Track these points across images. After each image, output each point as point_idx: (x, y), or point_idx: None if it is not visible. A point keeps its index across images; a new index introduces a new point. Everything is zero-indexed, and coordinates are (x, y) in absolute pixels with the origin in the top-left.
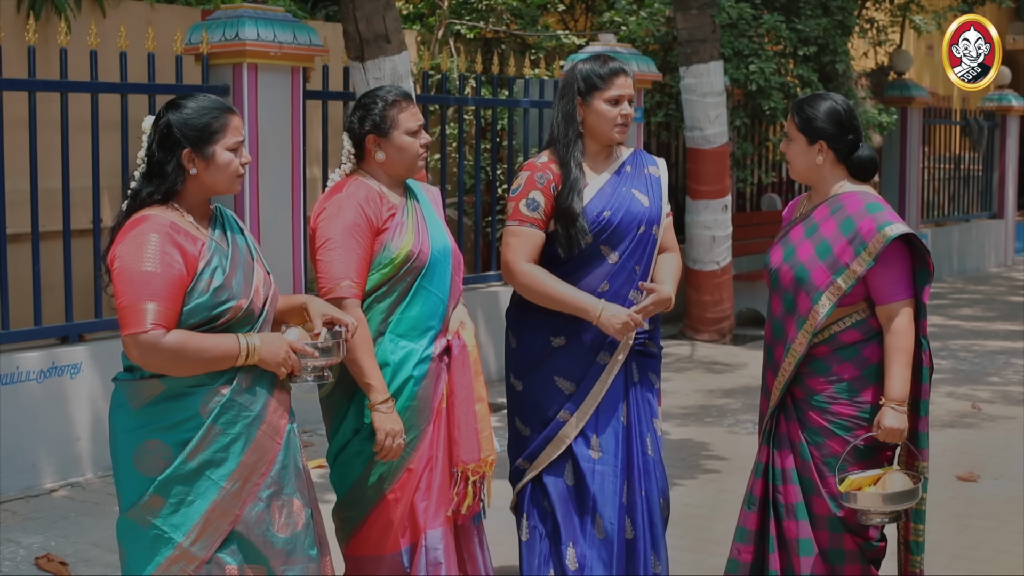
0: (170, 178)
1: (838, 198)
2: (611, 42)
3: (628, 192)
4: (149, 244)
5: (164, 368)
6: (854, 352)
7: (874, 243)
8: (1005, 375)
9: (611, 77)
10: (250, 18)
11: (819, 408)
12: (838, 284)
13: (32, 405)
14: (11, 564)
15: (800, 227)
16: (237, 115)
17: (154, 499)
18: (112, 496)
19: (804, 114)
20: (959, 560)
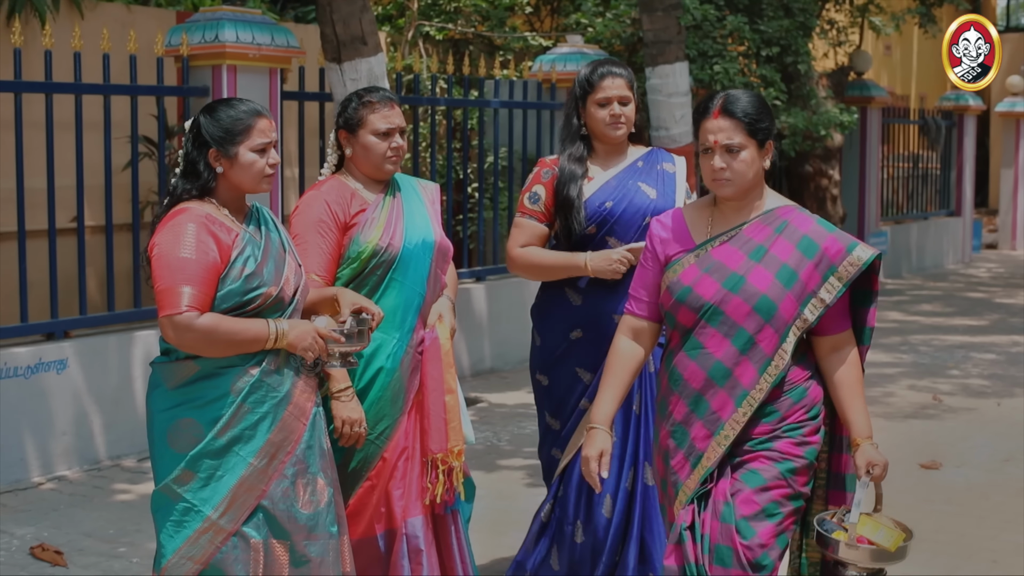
0: (202, 176)
1: (775, 213)
2: (578, 43)
3: (634, 185)
4: (186, 233)
5: (197, 348)
6: (802, 393)
7: (846, 267)
8: (965, 368)
9: (599, 80)
10: (229, 20)
11: (764, 450)
12: (804, 316)
13: (20, 400)
14: (6, 554)
15: (731, 249)
16: (266, 118)
17: (185, 473)
18: (99, 489)
19: (751, 112)
20: (924, 543)
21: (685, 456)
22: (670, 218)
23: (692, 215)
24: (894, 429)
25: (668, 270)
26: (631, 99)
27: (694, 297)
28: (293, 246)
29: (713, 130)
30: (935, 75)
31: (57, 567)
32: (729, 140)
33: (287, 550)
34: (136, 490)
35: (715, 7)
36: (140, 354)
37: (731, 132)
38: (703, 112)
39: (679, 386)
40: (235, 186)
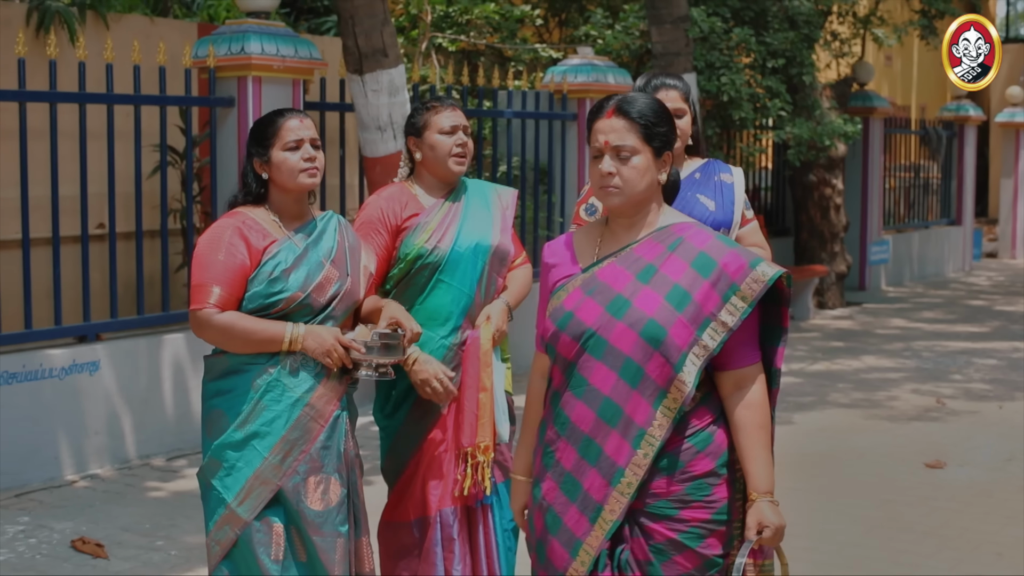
0: (251, 185)
1: (669, 230)
2: (589, 55)
3: (692, 197)
4: (222, 236)
5: (216, 342)
6: (707, 439)
7: (749, 284)
8: (967, 373)
9: (654, 92)
10: (255, 33)
11: (666, 517)
12: (704, 343)
13: (54, 400)
14: (48, 547)
15: (618, 269)
16: (294, 117)
17: (213, 461)
18: (131, 487)
19: (648, 115)
20: (929, 538)
21: (580, 510)
22: (560, 243)
23: (581, 237)
24: (899, 431)
25: (552, 297)
26: (685, 112)
27: (575, 323)
28: (351, 259)
29: (605, 130)
30: (935, 86)
31: (99, 559)
32: (621, 142)
33: (302, 540)
34: (167, 488)
35: (722, 20)
36: (168, 357)
37: (624, 134)
38: (596, 112)
39: (567, 430)
40: (281, 188)
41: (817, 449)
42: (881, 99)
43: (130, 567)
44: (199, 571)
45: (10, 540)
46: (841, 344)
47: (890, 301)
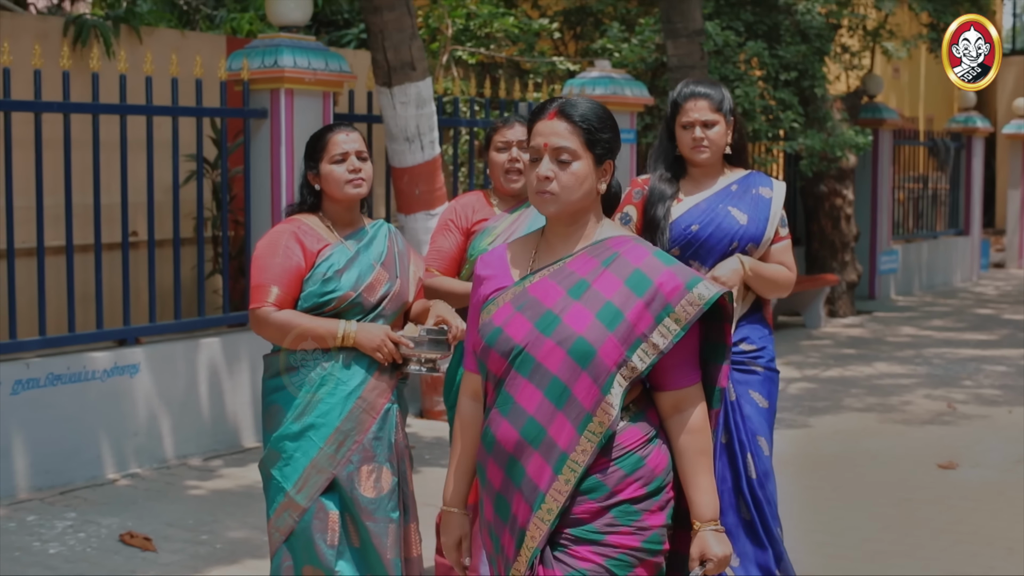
0: (302, 195)
1: (605, 243)
2: (606, 68)
3: (724, 209)
4: (280, 240)
5: (272, 339)
6: (637, 463)
7: (684, 307)
8: (977, 379)
9: (683, 102)
10: (287, 47)
11: (591, 542)
12: (632, 364)
13: (96, 401)
14: (97, 541)
15: (549, 284)
16: (341, 131)
17: (272, 453)
18: (171, 485)
19: (591, 119)
20: (944, 534)
21: (510, 532)
22: (494, 255)
23: (516, 249)
24: (912, 434)
25: (483, 311)
26: (717, 121)
27: (504, 339)
28: (400, 263)
29: (545, 132)
30: (943, 97)
31: (147, 552)
32: (561, 144)
33: (356, 525)
34: (206, 486)
35: (736, 33)
36: (205, 360)
37: (565, 137)
38: (538, 113)
39: (493, 450)
40: (331, 198)
41: (833, 451)
42: (890, 111)
43: (179, 560)
44: (245, 563)
45: (60, 534)
46: (853, 351)
47: (900, 310)
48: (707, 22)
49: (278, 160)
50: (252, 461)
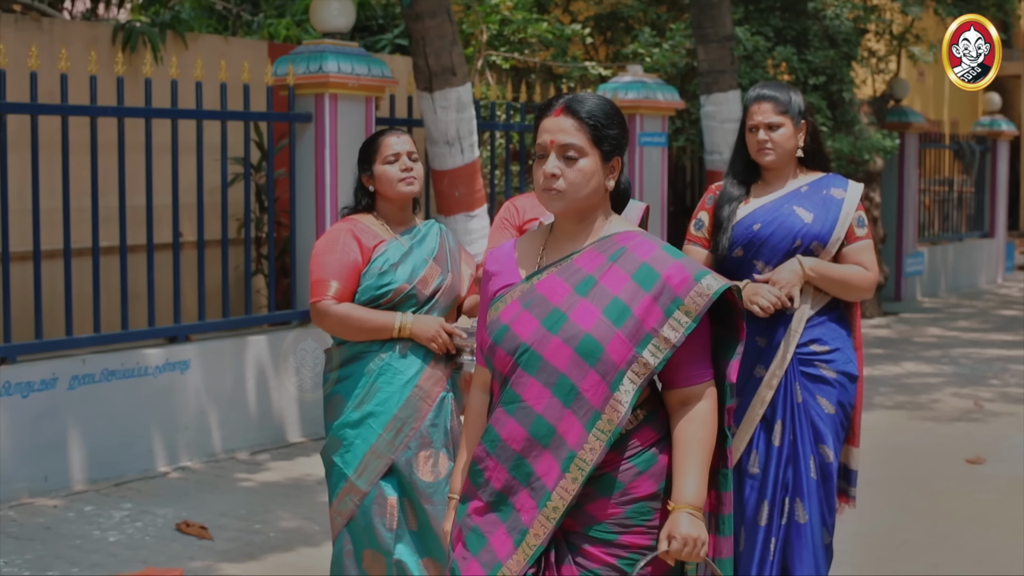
0: (357, 196)
1: (612, 239)
2: (638, 72)
3: (788, 209)
4: (338, 237)
5: (333, 331)
6: (651, 459)
7: (693, 298)
8: (1003, 378)
9: (749, 105)
10: (332, 53)
11: (603, 542)
12: (644, 360)
13: (149, 397)
14: (154, 529)
15: (556, 281)
16: (393, 134)
17: (333, 440)
18: (221, 478)
19: (598, 116)
20: (973, 524)
21: (507, 531)
22: (502, 251)
23: (525, 245)
24: (941, 431)
25: (490, 308)
26: (783, 124)
27: (510, 337)
28: (452, 259)
29: (552, 129)
30: (967, 101)
31: (204, 540)
32: (567, 141)
33: (414, 509)
34: (255, 479)
35: (765, 38)
36: (252, 357)
37: (572, 134)
38: (544, 110)
39: (496, 448)
40: (385, 198)
41: (864, 446)
42: (916, 115)
43: (235, 547)
44: (300, 551)
45: (117, 524)
46: (881, 351)
47: (926, 311)
48: (737, 27)
49: (322, 162)
50: (298, 455)
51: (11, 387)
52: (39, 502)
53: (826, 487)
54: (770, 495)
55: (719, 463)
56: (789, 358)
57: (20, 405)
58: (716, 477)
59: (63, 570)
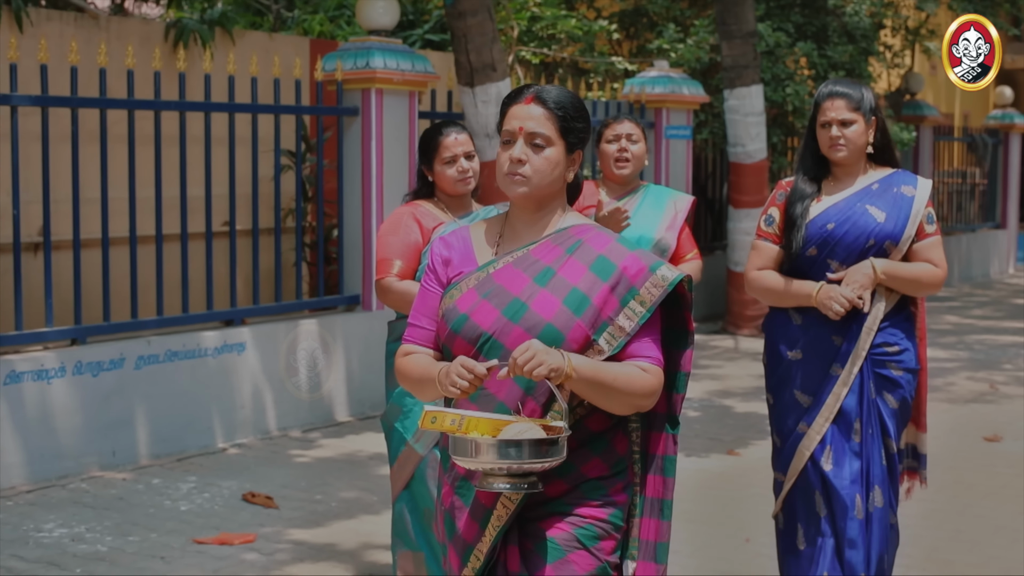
0: (419, 183)
1: (568, 232)
2: (665, 68)
3: (861, 207)
4: (401, 220)
5: (395, 306)
6: (603, 444)
7: (648, 289)
8: (1016, 363)
9: (821, 102)
10: (378, 50)
11: (559, 513)
12: (599, 347)
13: (208, 377)
14: (222, 500)
15: (514, 271)
16: (450, 135)
17: (393, 407)
18: (276, 454)
19: (567, 107)
20: (992, 496)
21: (471, 516)
22: (455, 236)
23: (480, 232)
24: (958, 411)
25: (445, 295)
26: (855, 121)
27: (470, 327)
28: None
29: (521, 116)
30: (978, 94)
31: (270, 509)
32: (536, 129)
33: None
34: (310, 455)
35: (786, 34)
36: (304, 340)
37: (541, 122)
38: (514, 98)
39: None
40: (442, 189)
41: None
42: (931, 108)
43: (300, 515)
44: (362, 518)
45: (185, 495)
46: None
47: (940, 300)
48: (759, 24)
49: (368, 154)
50: (348, 433)
51: (82, 367)
52: (108, 475)
53: (891, 475)
54: (847, 489)
55: (666, 449)
56: (864, 355)
57: (91, 384)
58: (662, 462)
59: (142, 536)
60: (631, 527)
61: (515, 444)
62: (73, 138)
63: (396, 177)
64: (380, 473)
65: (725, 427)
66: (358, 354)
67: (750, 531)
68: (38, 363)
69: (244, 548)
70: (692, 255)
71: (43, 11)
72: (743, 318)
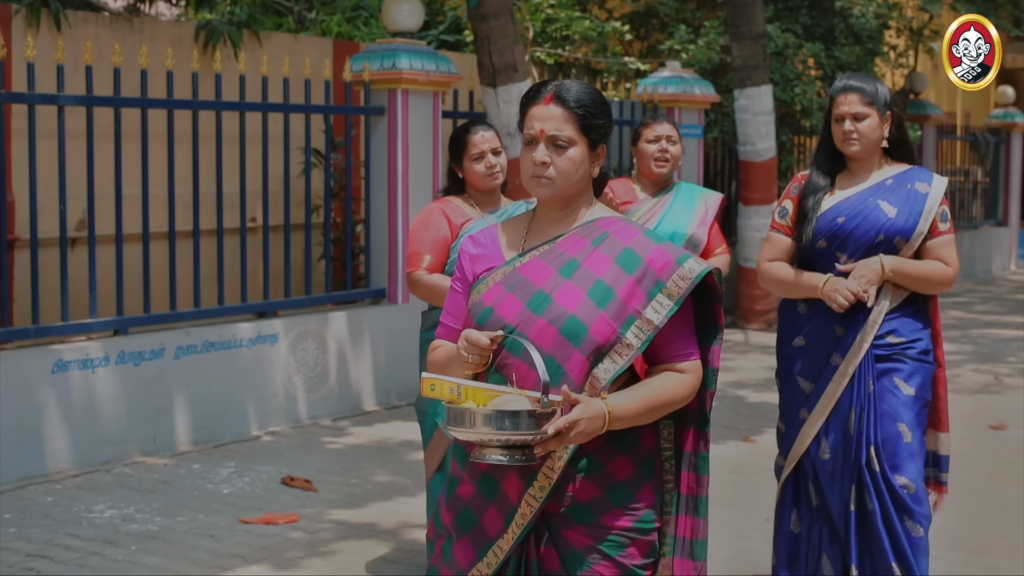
0: (449, 181)
1: (595, 224)
2: (676, 68)
3: (873, 202)
4: (431, 216)
5: (425, 298)
6: (632, 442)
7: (675, 282)
8: (1020, 356)
9: (835, 96)
10: (404, 51)
11: (584, 523)
12: (627, 341)
13: (242, 367)
14: (262, 483)
15: (540, 264)
16: (478, 132)
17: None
18: (309, 441)
19: (587, 104)
20: (998, 479)
21: (497, 510)
22: (485, 234)
23: (507, 229)
24: (964, 401)
25: (472, 290)
26: (868, 115)
27: (495, 319)
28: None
29: (541, 117)
30: (979, 93)
31: (309, 492)
32: (558, 131)
33: None
34: (341, 442)
35: (795, 36)
36: (335, 331)
37: (561, 123)
38: (532, 97)
39: None
40: (472, 185)
41: None
42: (934, 107)
43: (339, 497)
44: (398, 500)
45: (226, 479)
46: None
47: (945, 296)
48: (768, 25)
49: (395, 152)
50: (376, 422)
51: (125, 356)
52: (150, 460)
53: (906, 470)
54: (841, 482)
55: (698, 446)
56: (865, 348)
57: (133, 373)
58: (695, 460)
59: (189, 516)
60: (666, 524)
61: (510, 415)
62: (116, 136)
63: (421, 174)
64: (411, 459)
65: (739, 416)
66: (384, 345)
67: (768, 512)
68: (84, 353)
69: (289, 527)
70: (721, 250)
71: (79, 13)
72: (752, 312)
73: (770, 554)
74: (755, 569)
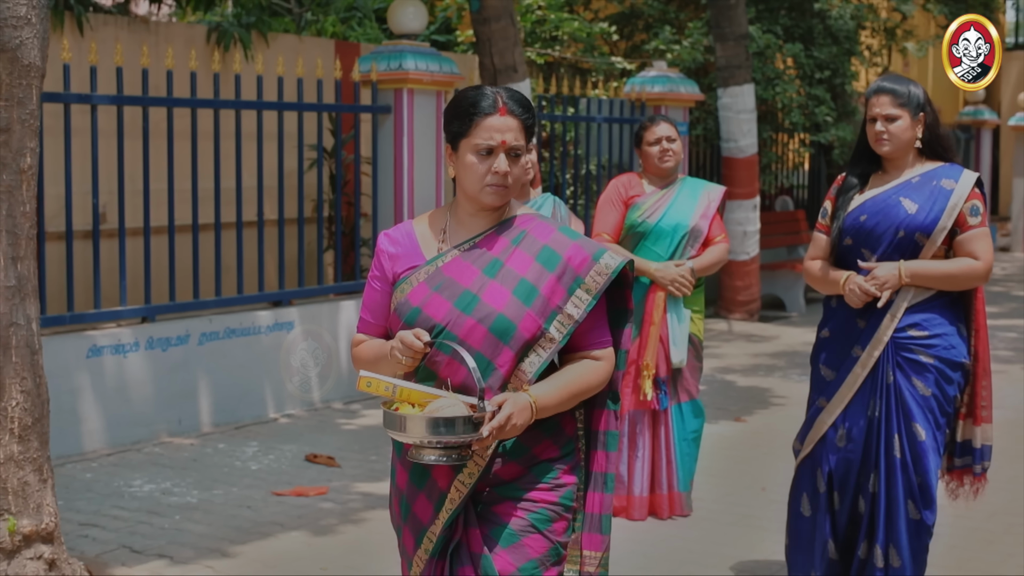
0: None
1: (512, 222)
2: (663, 68)
3: (895, 200)
4: None
5: None
6: (554, 426)
7: (593, 277)
8: (993, 343)
9: (870, 98)
10: (410, 52)
11: (512, 498)
12: (550, 335)
13: (260, 353)
14: (287, 460)
15: (463, 264)
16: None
17: None
18: (324, 423)
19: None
20: None
21: (427, 497)
22: (400, 231)
23: (423, 227)
24: None
25: (396, 290)
26: (900, 116)
27: (424, 319)
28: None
29: (501, 128)
30: (949, 91)
31: (333, 468)
32: (517, 141)
33: None
34: (356, 423)
35: (775, 36)
36: (345, 320)
37: (518, 132)
38: (483, 107)
39: None
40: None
41: None
42: None
43: (362, 472)
44: None
45: (252, 457)
46: None
47: None
48: (750, 26)
49: (400, 148)
50: None
51: (152, 342)
52: (177, 441)
53: (917, 466)
54: (857, 469)
55: (608, 424)
56: (886, 341)
57: (160, 358)
58: (604, 438)
59: (224, 490)
60: (579, 503)
61: (445, 421)
62: (144, 134)
63: (424, 169)
64: None
65: (730, 398)
66: None
67: (764, 483)
68: (116, 339)
69: (319, 499)
70: (720, 238)
71: (100, 16)
72: (735, 303)
73: (768, 520)
74: (755, 531)
